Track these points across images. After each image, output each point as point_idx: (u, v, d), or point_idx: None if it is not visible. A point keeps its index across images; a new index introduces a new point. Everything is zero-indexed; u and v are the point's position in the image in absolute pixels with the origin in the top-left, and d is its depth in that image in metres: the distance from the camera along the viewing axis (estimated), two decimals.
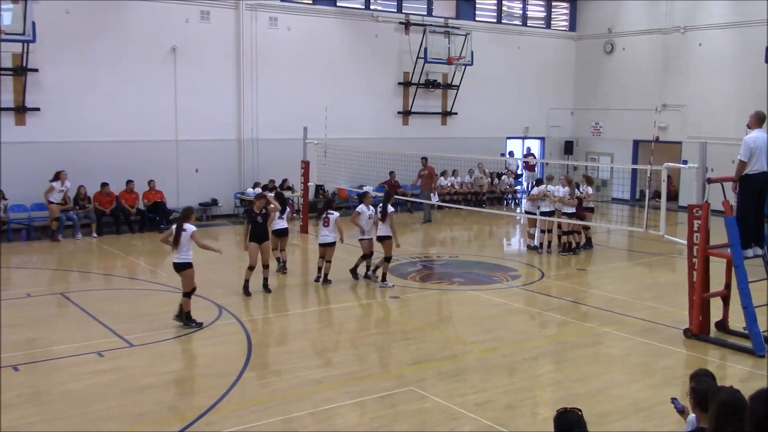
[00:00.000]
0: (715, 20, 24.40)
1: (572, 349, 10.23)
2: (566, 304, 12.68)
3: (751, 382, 8.97)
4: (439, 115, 25.85)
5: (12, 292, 12.73)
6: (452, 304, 13.01)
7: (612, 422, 7.67)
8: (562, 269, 15.61)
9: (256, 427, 7.42)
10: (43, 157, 18.44)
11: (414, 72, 24.59)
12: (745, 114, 11.35)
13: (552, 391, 8.72)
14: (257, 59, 21.57)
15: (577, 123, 29.20)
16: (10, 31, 17.07)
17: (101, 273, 14.92)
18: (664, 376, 9.20)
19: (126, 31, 19.55)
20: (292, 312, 12.26)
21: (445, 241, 19.74)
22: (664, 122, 25.67)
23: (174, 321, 10.83)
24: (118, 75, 19.48)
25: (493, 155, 25.83)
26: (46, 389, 8.53)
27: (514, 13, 28.19)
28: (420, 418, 7.76)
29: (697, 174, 10.75)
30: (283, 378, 8.98)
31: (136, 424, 7.50)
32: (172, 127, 20.48)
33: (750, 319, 9.94)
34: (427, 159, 21.97)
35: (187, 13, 20.45)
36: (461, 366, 9.45)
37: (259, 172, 21.65)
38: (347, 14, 23.52)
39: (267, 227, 13.04)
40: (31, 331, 10.60)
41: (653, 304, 12.91)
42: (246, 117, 21.60)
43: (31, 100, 18.33)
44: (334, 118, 20.92)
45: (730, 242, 10.27)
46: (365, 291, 13.62)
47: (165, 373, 8.99)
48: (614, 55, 27.76)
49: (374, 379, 8.84)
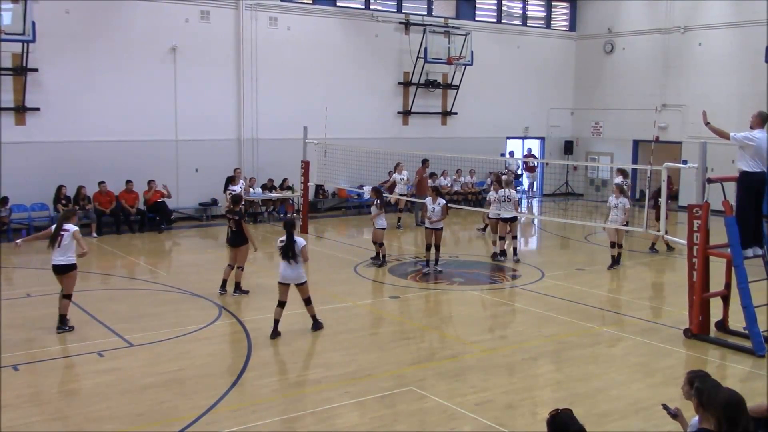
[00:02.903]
0: (714, 20, 24.40)
1: (572, 349, 10.23)
2: (566, 304, 12.67)
3: (751, 382, 8.98)
4: (439, 115, 25.86)
5: (12, 292, 12.74)
6: (452, 304, 13.01)
7: (612, 422, 7.66)
8: (562, 269, 15.60)
9: (256, 427, 7.42)
10: (43, 157, 18.46)
11: (414, 72, 24.59)
12: (745, 114, 11.38)
13: (552, 391, 8.72)
14: (257, 59, 21.57)
15: (577, 123, 29.21)
16: (10, 31, 17.07)
17: (101, 273, 14.91)
18: (664, 376, 9.20)
19: (126, 31, 19.55)
20: (293, 312, 12.24)
21: (445, 241, 19.71)
22: (664, 122, 25.66)
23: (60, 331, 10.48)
24: (118, 75, 19.48)
25: (493, 155, 25.82)
26: (46, 389, 8.53)
27: (514, 13, 28.19)
28: (420, 418, 7.76)
29: (697, 174, 10.75)
30: (283, 378, 8.98)
31: (136, 424, 7.50)
32: (172, 127, 20.49)
33: (750, 319, 9.95)
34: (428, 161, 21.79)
35: (187, 13, 20.45)
36: (461, 366, 9.45)
37: (259, 172, 21.66)
38: (347, 14, 23.53)
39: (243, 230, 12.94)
40: (31, 331, 10.60)
41: (653, 304, 12.92)
42: (246, 117, 21.60)
43: (31, 100, 18.33)
44: (334, 118, 20.92)
45: (730, 242, 10.27)
46: (365, 291, 13.63)
47: (165, 373, 8.99)
48: (614, 55, 27.76)
49: (374, 379, 8.84)
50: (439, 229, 14.94)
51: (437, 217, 14.77)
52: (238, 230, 12.77)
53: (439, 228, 14.93)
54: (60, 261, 10.53)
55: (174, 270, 15.67)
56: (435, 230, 14.92)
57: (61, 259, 10.52)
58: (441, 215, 14.80)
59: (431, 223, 14.87)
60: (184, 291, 12.96)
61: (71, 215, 10.94)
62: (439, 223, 14.84)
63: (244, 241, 12.78)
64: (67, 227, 10.52)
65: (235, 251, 12.85)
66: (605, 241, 19.44)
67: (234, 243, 12.91)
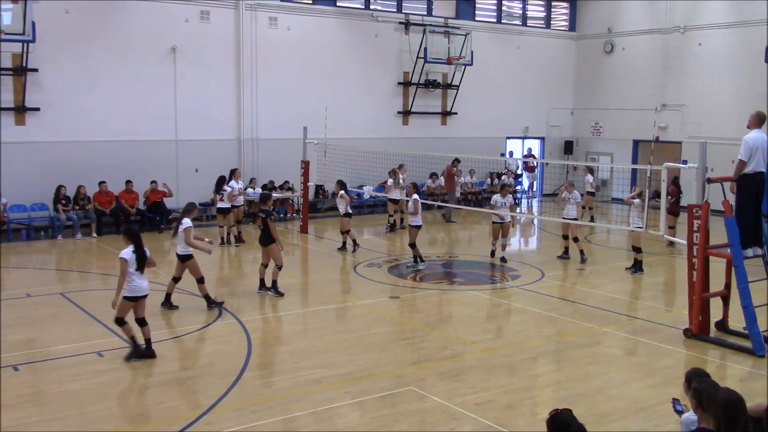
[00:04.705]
0: (714, 20, 24.40)
1: (572, 349, 10.24)
2: (566, 304, 12.68)
3: (751, 382, 8.99)
4: (439, 115, 25.85)
5: (12, 292, 12.73)
6: (452, 304, 13.01)
7: (612, 422, 7.66)
8: (562, 269, 15.61)
9: (256, 427, 7.43)
10: (43, 157, 18.45)
11: (414, 72, 24.59)
12: (745, 114, 11.36)
13: (552, 391, 8.72)
14: (257, 59, 21.57)
15: (577, 123, 29.21)
16: (10, 31, 17.06)
17: (101, 273, 14.90)
18: (664, 376, 9.20)
19: (126, 31, 19.55)
20: (292, 312, 12.25)
21: (446, 241, 19.73)
22: (664, 122, 25.67)
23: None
24: (118, 75, 19.48)
25: (493, 155, 25.83)
26: (46, 389, 8.53)
27: (514, 13, 28.19)
28: (420, 418, 7.76)
29: (697, 174, 10.75)
30: (283, 378, 8.98)
31: (136, 424, 7.51)
32: (172, 127, 20.48)
33: (750, 319, 9.95)
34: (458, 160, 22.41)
35: (187, 13, 20.45)
36: (461, 366, 9.45)
37: (260, 172, 21.66)
38: (347, 14, 23.52)
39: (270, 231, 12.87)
40: (31, 331, 10.60)
41: (653, 304, 12.92)
42: (246, 117, 21.60)
43: (31, 100, 18.32)
44: (333, 118, 20.92)
45: (730, 242, 10.27)
46: (365, 291, 13.63)
47: (165, 373, 8.99)
48: (614, 55, 27.76)
49: (374, 379, 8.84)
50: (413, 227, 15.19)
51: (410, 212, 15.28)
52: (266, 228, 12.72)
53: (413, 225, 15.18)
54: (179, 251, 11.65)
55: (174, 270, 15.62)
56: (410, 227, 15.35)
57: (180, 248, 11.61)
58: (413, 210, 15.16)
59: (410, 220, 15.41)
60: (184, 291, 12.95)
61: (190, 209, 11.95)
62: (414, 219, 15.15)
63: (271, 240, 12.71)
64: (183, 221, 11.53)
65: (266, 250, 12.82)
66: (606, 241, 19.49)
67: (262, 242, 12.86)
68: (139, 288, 9.21)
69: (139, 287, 9.21)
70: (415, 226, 15.22)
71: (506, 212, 15.81)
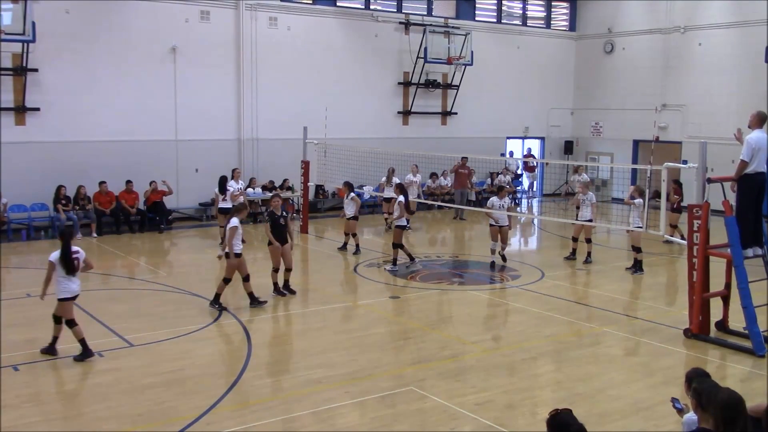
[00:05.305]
0: (715, 20, 24.40)
1: (572, 349, 10.23)
2: (566, 304, 12.67)
3: (751, 382, 8.98)
4: (439, 115, 25.85)
5: (12, 292, 12.74)
6: (452, 304, 13.01)
7: (612, 422, 7.66)
8: (562, 269, 15.61)
9: (256, 427, 7.42)
10: (43, 157, 18.45)
11: (414, 72, 24.59)
12: (745, 114, 11.36)
13: (552, 391, 8.72)
14: (257, 59, 21.57)
15: (577, 123, 29.21)
16: (10, 31, 17.06)
17: (101, 273, 14.90)
18: (664, 376, 9.20)
19: (126, 31, 19.55)
20: (292, 312, 12.25)
21: (446, 241, 19.74)
22: (664, 122, 25.67)
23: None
24: (118, 75, 19.48)
25: (493, 155, 25.82)
26: (46, 389, 8.54)
27: (514, 13, 28.19)
28: (420, 418, 7.76)
29: (697, 174, 10.75)
30: (283, 378, 8.98)
31: (136, 424, 7.50)
32: (172, 127, 20.48)
33: (750, 319, 9.94)
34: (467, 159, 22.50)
35: (187, 12, 20.45)
36: (461, 366, 9.45)
37: (260, 172, 21.66)
38: (347, 14, 23.52)
39: (289, 229, 12.91)
40: (31, 331, 10.58)
41: (653, 304, 12.91)
42: (246, 117, 21.60)
43: (31, 100, 18.32)
44: (334, 118, 20.92)
45: (730, 242, 10.27)
46: (365, 291, 13.63)
47: (165, 373, 8.98)
48: (614, 55, 27.76)
49: (374, 379, 8.84)
50: (398, 227, 15.16)
51: (396, 214, 15.20)
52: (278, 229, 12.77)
53: (398, 225, 15.15)
54: (236, 249, 11.68)
55: (174, 270, 15.67)
56: (394, 227, 15.32)
57: (236, 247, 11.67)
58: (398, 212, 15.11)
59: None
60: (184, 291, 12.96)
61: (239, 209, 12.14)
62: (398, 220, 15.15)
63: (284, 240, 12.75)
64: (231, 220, 11.70)
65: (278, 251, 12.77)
66: (606, 241, 19.48)
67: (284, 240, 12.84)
68: (68, 289, 9.37)
69: (68, 289, 9.37)
70: (400, 227, 15.21)
71: (503, 214, 15.72)
